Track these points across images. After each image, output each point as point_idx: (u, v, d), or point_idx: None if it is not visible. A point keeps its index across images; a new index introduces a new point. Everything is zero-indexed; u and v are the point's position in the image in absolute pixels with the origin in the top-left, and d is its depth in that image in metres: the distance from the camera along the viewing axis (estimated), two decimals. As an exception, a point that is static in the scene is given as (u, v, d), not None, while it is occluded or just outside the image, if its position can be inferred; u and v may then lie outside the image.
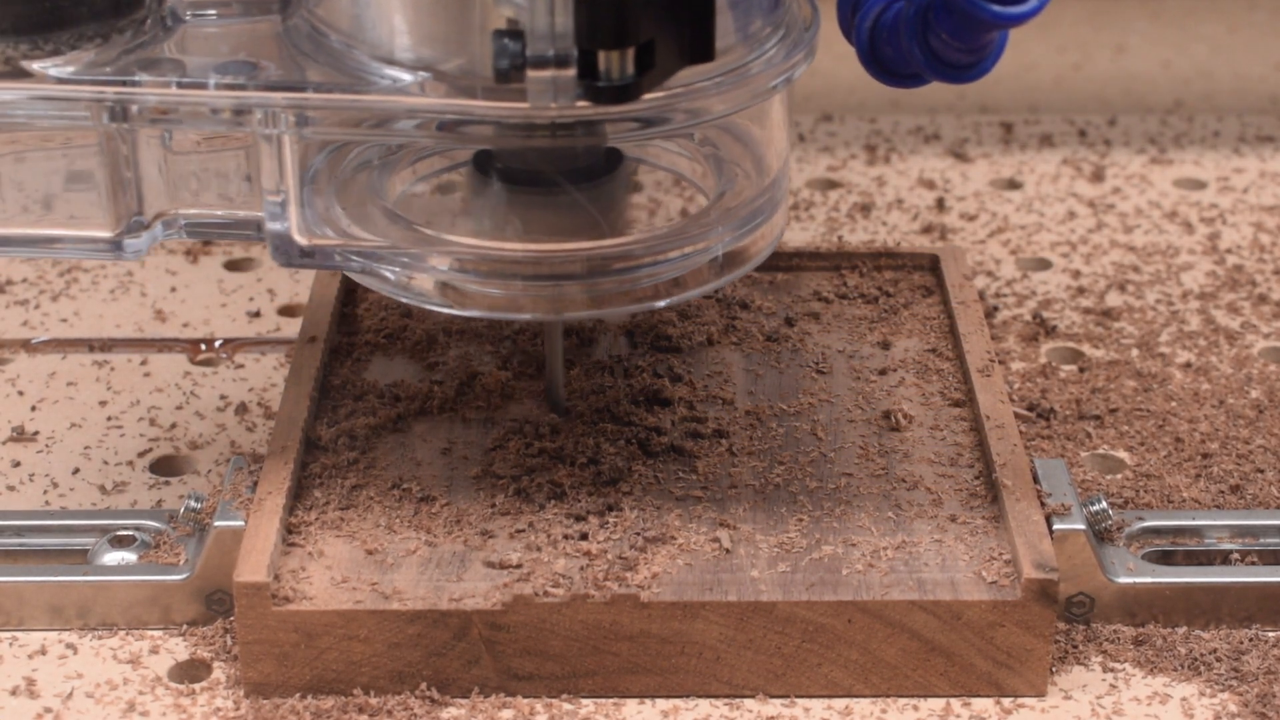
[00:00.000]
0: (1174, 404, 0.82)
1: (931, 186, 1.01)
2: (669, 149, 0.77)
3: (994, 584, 0.67)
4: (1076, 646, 0.70)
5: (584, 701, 0.68)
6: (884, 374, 0.79)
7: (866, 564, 0.68)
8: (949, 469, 0.73)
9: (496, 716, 0.67)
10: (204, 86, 0.66)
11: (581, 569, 0.68)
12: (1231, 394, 0.83)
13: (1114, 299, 0.90)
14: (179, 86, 0.66)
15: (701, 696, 0.68)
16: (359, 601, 0.67)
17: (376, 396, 0.77)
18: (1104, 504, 0.72)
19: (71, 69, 0.67)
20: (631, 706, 0.68)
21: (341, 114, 0.66)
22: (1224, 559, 0.73)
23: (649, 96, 0.63)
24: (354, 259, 0.69)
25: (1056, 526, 0.69)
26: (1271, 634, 0.71)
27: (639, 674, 0.68)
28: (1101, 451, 0.79)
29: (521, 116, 0.64)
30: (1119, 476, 0.78)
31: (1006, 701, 0.68)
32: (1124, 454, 0.79)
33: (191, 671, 0.69)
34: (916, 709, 0.67)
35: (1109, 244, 0.95)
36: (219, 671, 0.69)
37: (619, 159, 0.71)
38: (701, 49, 0.63)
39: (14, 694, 0.68)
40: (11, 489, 0.78)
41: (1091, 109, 1.08)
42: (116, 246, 0.70)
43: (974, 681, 0.68)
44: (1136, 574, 0.71)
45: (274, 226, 0.69)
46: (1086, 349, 0.86)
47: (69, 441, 0.80)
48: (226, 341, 0.87)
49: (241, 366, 0.86)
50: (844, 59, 0.71)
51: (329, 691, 0.67)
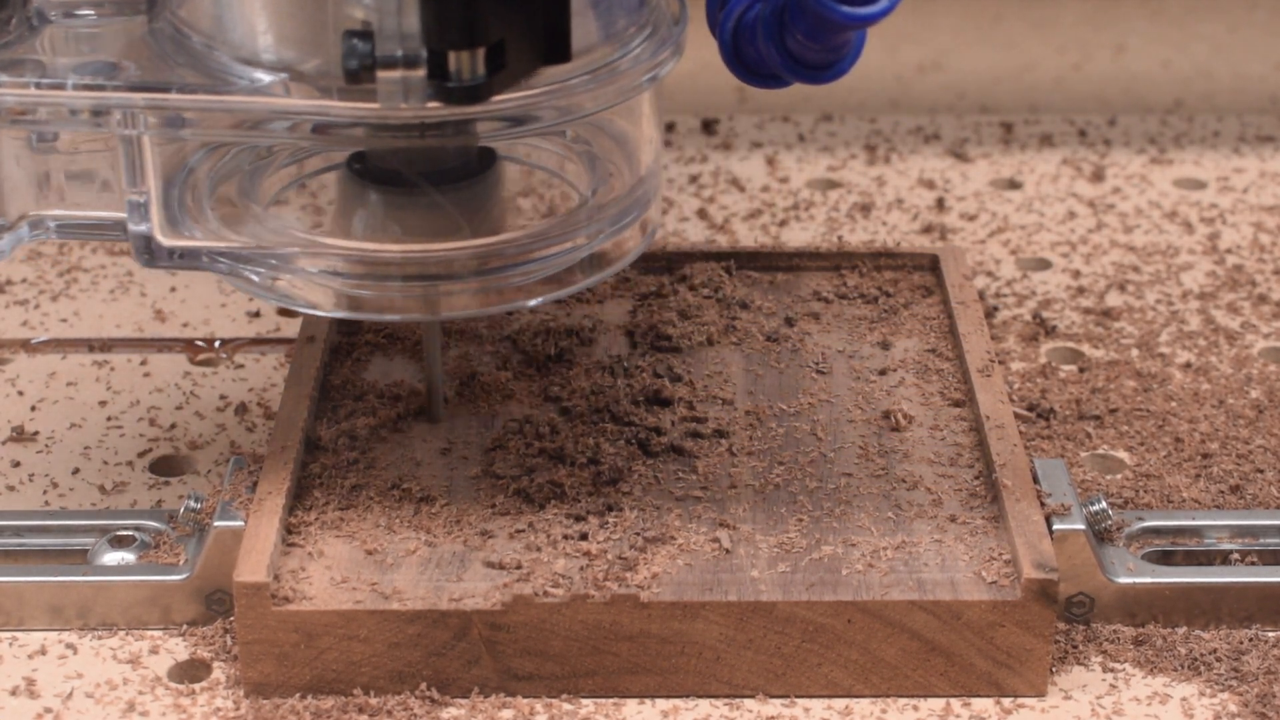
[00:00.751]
0: (1174, 404, 0.82)
1: (931, 186, 1.01)
2: (546, 148, 0.77)
3: (994, 584, 0.67)
4: (1076, 646, 0.70)
5: (584, 701, 0.68)
6: (884, 374, 0.79)
7: (866, 564, 0.68)
8: (949, 469, 0.73)
9: (496, 716, 0.67)
10: (63, 87, 0.66)
11: (581, 569, 0.68)
12: (1231, 394, 0.83)
13: (1114, 299, 0.90)
14: (38, 87, 0.66)
15: (701, 696, 0.68)
16: (359, 601, 0.67)
17: (376, 396, 0.77)
18: (1104, 504, 0.72)
19: None
20: (631, 706, 0.68)
21: (209, 115, 0.66)
22: (1224, 559, 0.73)
23: (510, 95, 0.63)
24: (221, 261, 0.69)
25: (1056, 526, 0.69)
26: (1271, 634, 0.71)
27: (639, 674, 0.68)
28: (1101, 451, 0.79)
29: (374, 117, 0.64)
30: (1119, 476, 0.78)
31: (1006, 701, 0.68)
32: (1124, 454, 0.79)
33: (191, 671, 0.69)
34: (916, 709, 0.67)
35: (1109, 244, 0.95)
36: (219, 671, 0.69)
37: (492, 158, 0.71)
38: (558, 49, 0.63)
39: (14, 694, 0.68)
40: (11, 489, 0.78)
41: (1091, 109, 1.08)
42: None
43: (974, 681, 0.68)
44: (1136, 574, 0.71)
45: (136, 228, 0.68)
46: (1086, 349, 0.86)
47: (69, 441, 0.80)
48: (226, 341, 0.87)
49: (241, 366, 0.86)
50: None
51: (329, 691, 0.67)
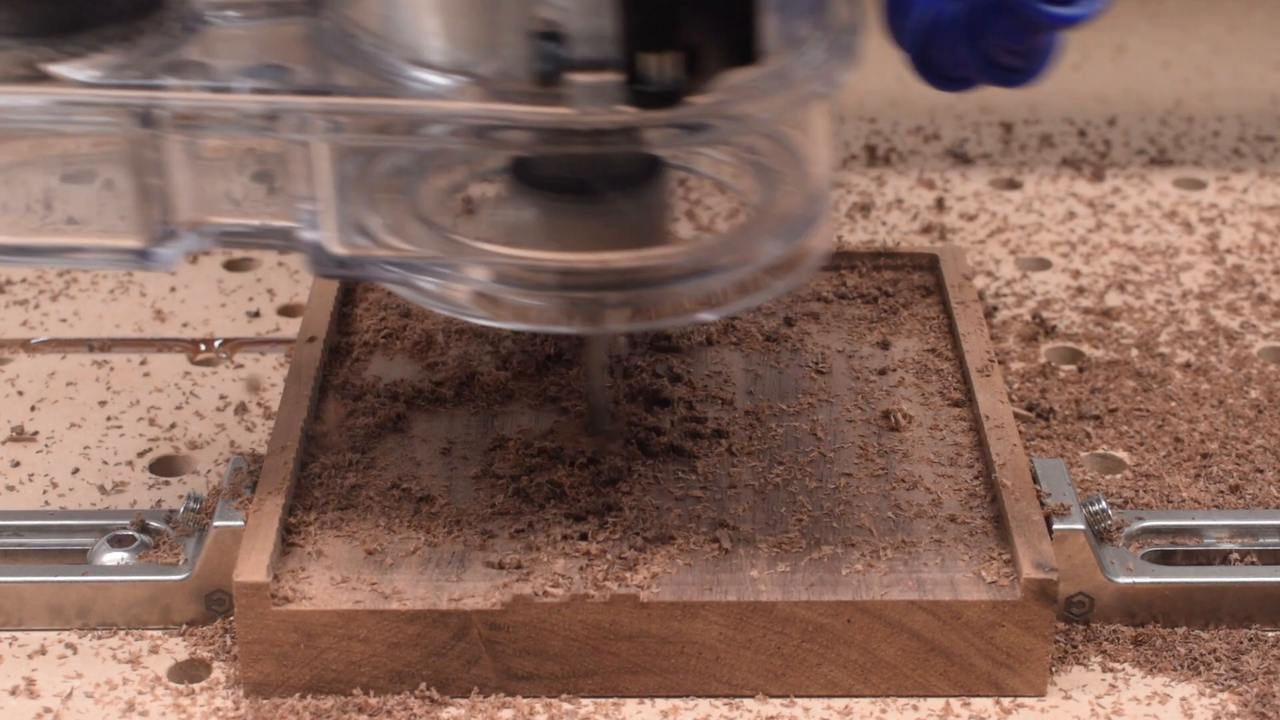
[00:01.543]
0: (1173, 404, 0.82)
1: (931, 186, 1.01)
2: (711, 155, 0.75)
3: (993, 584, 0.67)
4: (1076, 646, 0.70)
5: (584, 701, 0.68)
6: (883, 374, 0.79)
7: (866, 564, 0.68)
8: (948, 469, 0.73)
9: (496, 716, 0.67)
10: (233, 90, 0.64)
11: (581, 569, 0.68)
12: (1231, 394, 0.83)
13: (1114, 299, 0.90)
14: (207, 91, 0.64)
15: (701, 696, 0.68)
16: (359, 601, 0.67)
17: (376, 396, 0.77)
18: (1104, 504, 0.72)
19: (93, 73, 0.65)
20: (631, 706, 0.68)
21: (375, 119, 0.64)
22: (1223, 559, 0.73)
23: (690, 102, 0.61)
24: (391, 269, 0.67)
25: (1056, 526, 0.69)
26: (1271, 634, 0.71)
27: (639, 674, 0.68)
28: (1101, 451, 0.79)
29: (562, 122, 0.62)
30: (1119, 476, 0.78)
31: (1006, 701, 0.68)
32: (1124, 454, 0.79)
33: (191, 671, 0.69)
34: (916, 709, 0.67)
35: (1109, 244, 0.95)
36: (219, 671, 0.69)
37: (658, 166, 0.69)
38: (746, 52, 0.61)
39: (14, 694, 0.68)
40: (11, 489, 0.78)
41: (1091, 109, 1.08)
42: (147, 257, 0.67)
43: (974, 681, 0.68)
44: (1136, 574, 0.71)
45: (308, 236, 0.66)
46: (1086, 349, 0.86)
47: (69, 441, 0.80)
48: (226, 341, 0.87)
49: (241, 366, 0.86)
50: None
51: (329, 691, 0.67)
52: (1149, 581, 0.71)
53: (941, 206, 0.99)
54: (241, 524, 0.69)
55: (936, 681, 0.68)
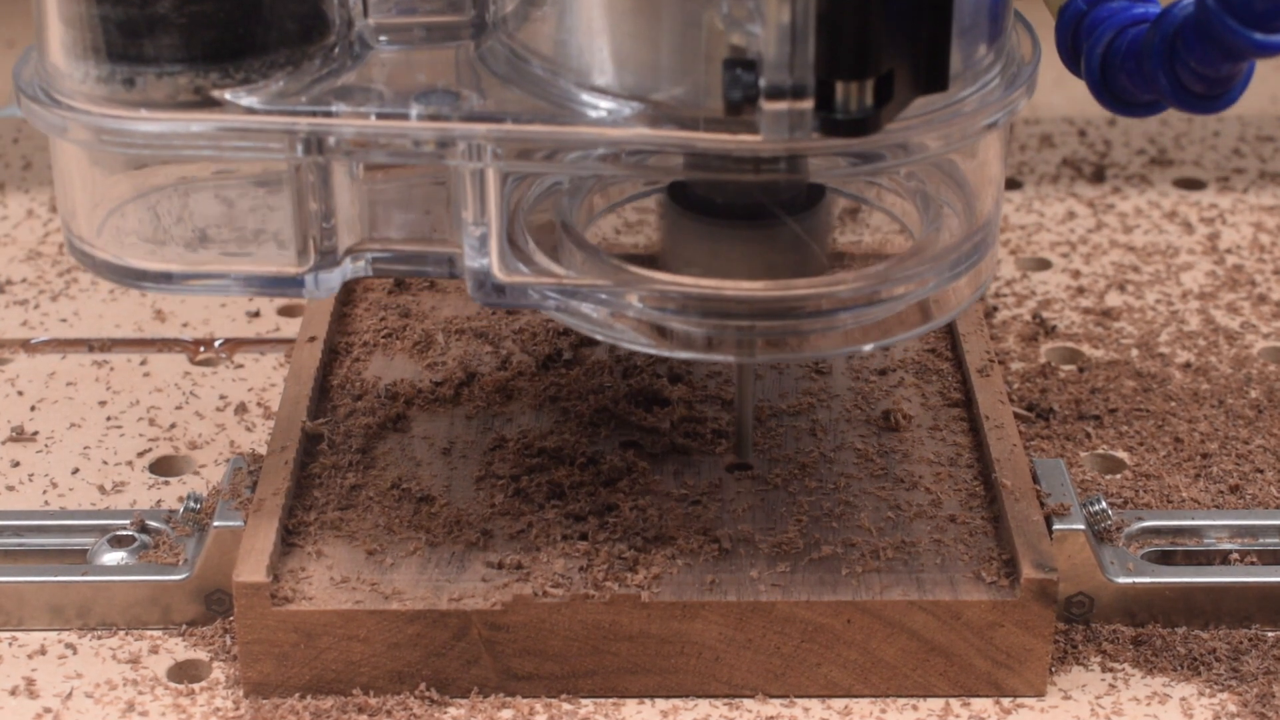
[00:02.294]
0: (1174, 404, 0.82)
1: (931, 186, 1.01)
2: (873, 182, 0.73)
3: (993, 584, 0.67)
4: (1076, 646, 0.70)
5: (584, 701, 0.68)
6: (883, 374, 0.79)
7: (866, 564, 0.68)
8: (948, 469, 0.73)
9: (496, 716, 0.67)
10: (405, 117, 0.63)
11: (581, 569, 0.68)
12: (1231, 394, 0.83)
13: (1114, 299, 0.90)
14: (378, 117, 0.63)
15: (701, 696, 0.68)
16: (359, 601, 0.67)
17: (376, 396, 0.77)
18: (1103, 504, 0.72)
19: (260, 98, 0.64)
20: (631, 706, 0.68)
21: (544, 144, 0.62)
22: (1223, 559, 0.73)
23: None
24: (551, 296, 0.66)
25: (1056, 526, 0.69)
26: (1271, 634, 0.71)
27: (639, 674, 0.68)
28: (1101, 451, 0.79)
29: (751, 150, 0.60)
30: (1119, 476, 0.78)
31: (1006, 701, 0.68)
32: (1124, 454, 0.79)
33: (191, 671, 0.69)
34: (916, 709, 0.67)
35: (1109, 244, 0.95)
36: (218, 671, 0.69)
37: (822, 191, 0.67)
38: (936, 78, 0.59)
39: (14, 694, 0.68)
40: (11, 489, 0.78)
41: (1091, 109, 1.08)
42: (305, 284, 0.66)
43: (973, 681, 0.68)
44: (1136, 574, 0.71)
45: (475, 263, 0.65)
46: (1086, 349, 0.86)
47: (69, 441, 0.80)
48: (226, 341, 0.87)
49: (241, 366, 0.86)
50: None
51: (328, 691, 0.67)
52: (1149, 581, 0.71)
53: (941, 206, 0.99)
54: (241, 524, 0.69)
55: (936, 681, 0.68)
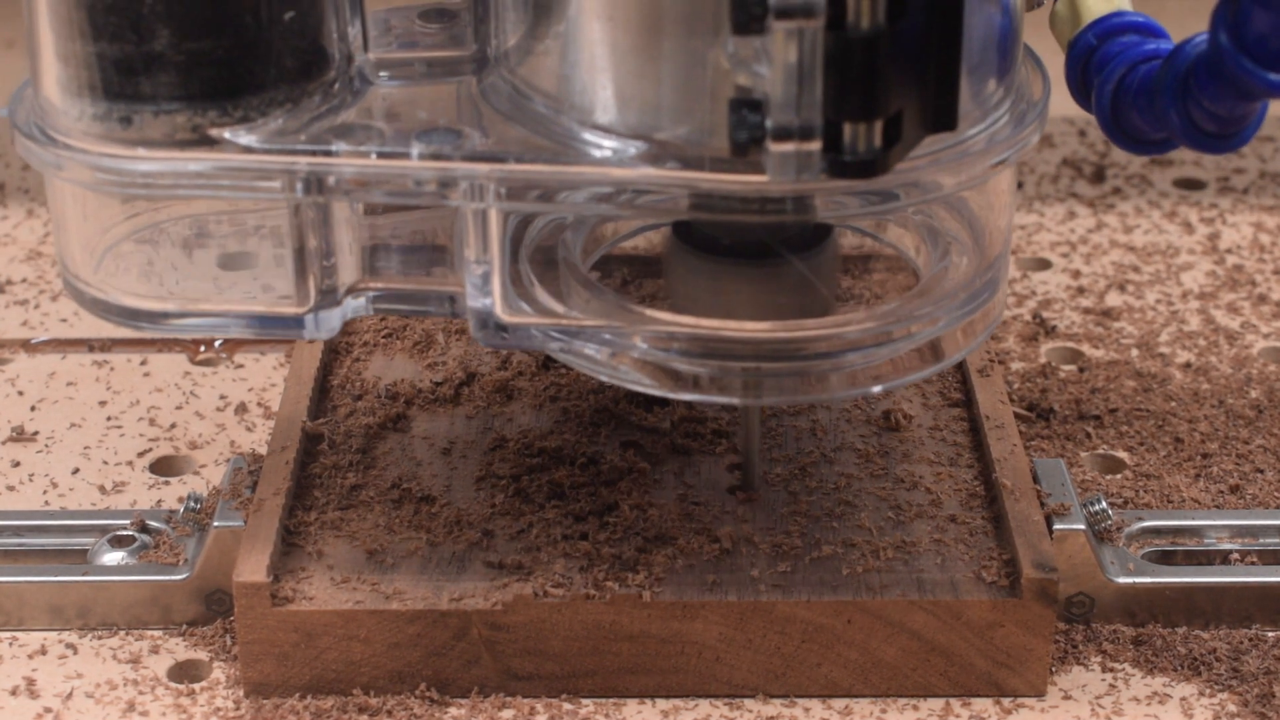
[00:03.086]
0: (1174, 404, 0.82)
1: (931, 186, 1.01)
2: (882, 220, 0.73)
3: (994, 584, 0.67)
4: (1076, 646, 0.70)
5: (584, 701, 0.68)
6: (884, 374, 0.79)
7: (866, 564, 0.68)
8: (948, 469, 0.73)
9: (496, 716, 0.67)
10: (406, 156, 0.62)
11: (581, 569, 0.68)
12: (1231, 394, 0.83)
13: (1114, 299, 0.90)
14: (379, 156, 0.62)
15: (701, 696, 0.68)
16: (359, 601, 0.67)
17: (376, 396, 0.77)
18: (1104, 504, 0.72)
19: (258, 137, 0.63)
20: (631, 706, 0.68)
21: (546, 183, 0.61)
22: (1224, 559, 0.73)
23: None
24: (555, 336, 0.65)
25: (1056, 526, 0.69)
26: (1271, 634, 0.71)
27: (639, 674, 0.68)
28: (1101, 451, 0.79)
29: (758, 191, 0.59)
30: (1119, 476, 0.78)
31: (1006, 701, 0.68)
32: (1124, 454, 0.79)
33: (191, 671, 0.69)
34: (916, 709, 0.67)
35: (1109, 244, 0.95)
36: (219, 671, 0.69)
37: (827, 231, 0.66)
38: (945, 118, 0.58)
39: (14, 694, 0.68)
40: (11, 489, 0.78)
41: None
42: (304, 324, 0.66)
43: (974, 681, 0.68)
44: (1136, 574, 0.71)
45: (477, 303, 0.64)
46: (1086, 349, 0.86)
47: (69, 441, 0.80)
48: (226, 341, 0.87)
49: (241, 366, 0.86)
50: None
51: (329, 691, 0.67)
52: (1149, 581, 0.71)
53: (941, 206, 0.99)
54: (241, 524, 0.69)
55: (936, 681, 0.68)
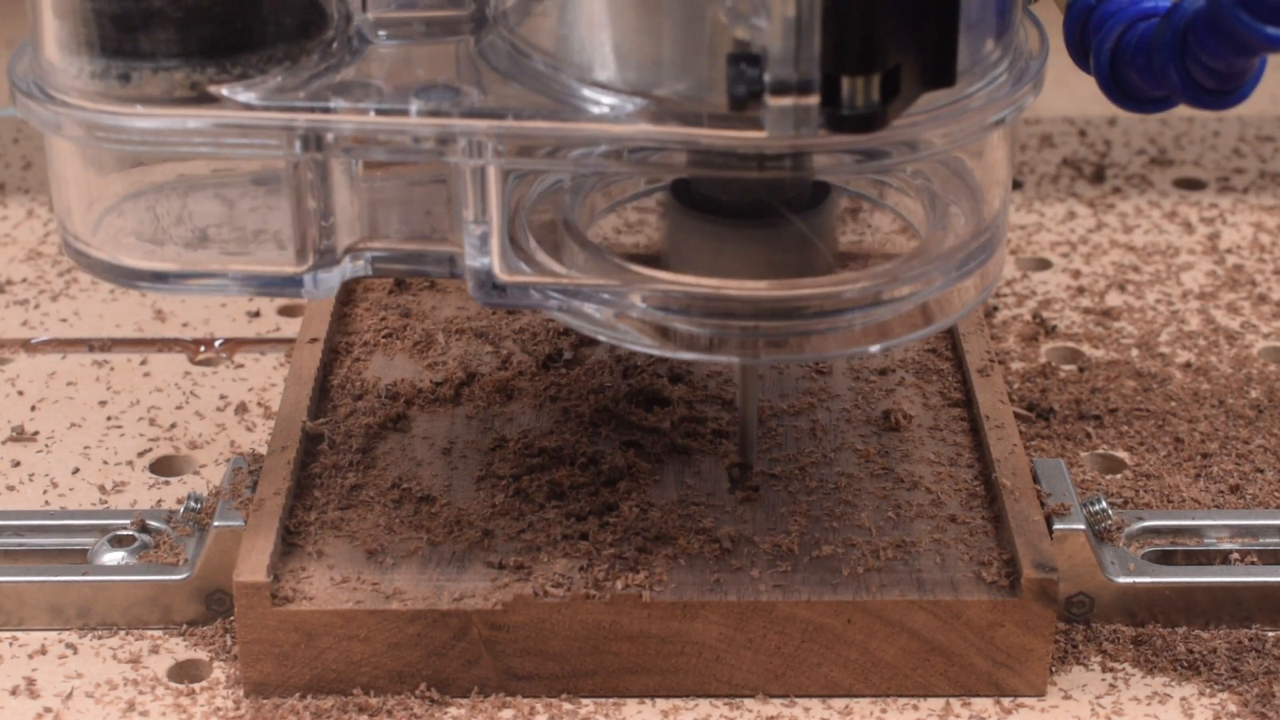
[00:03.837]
0: (1174, 404, 0.82)
1: (931, 186, 1.01)
2: (880, 180, 0.72)
3: (994, 584, 0.67)
4: (1076, 646, 0.70)
5: (584, 701, 0.68)
6: (884, 374, 0.79)
7: (866, 564, 0.68)
8: (949, 469, 0.73)
9: (496, 716, 0.67)
10: (404, 113, 0.62)
11: (581, 569, 0.68)
12: (1231, 394, 0.83)
13: (1114, 299, 0.90)
14: (377, 113, 0.62)
15: (701, 696, 0.68)
16: (359, 601, 0.67)
17: (376, 396, 0.77)
18: (1104, 504, 0.72)
19: (257, 94, 0.63)
20: (631, 706, 0.68)
21: (546, 141, 0.61)
22: (1224, 559, 0.73)
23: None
24: (553, 296, 0.65)
25: (1056, 526, 0.69)
26: (1271, 634, 0.71)
27: (639, 674, 0.68)
28: (1101, 451, 0.79)
29: (755, 147, 0.59)
30: (1119, 476, 0.78)
31: (1006, 701, 0.68)
32: (1124, 454, 0.79)
33: (191, 671, 0.69)
34: (916, 709, 0.67)
35: (1109, 244, 0.95)
36: (219, 671, 0.69)
37: (827, 189, 0.66)
38: (943, 73, 0.58)
39: (14, 694, 0.68)
40: (11, 489, 0.78)
41: (1091, 109, 1.08)
42: (304, 283, 0.65)
43: (974, 681, 0.68)
44: (1136, 574, 0.71)
45: (475, 262, 0.64)
46: (1086, 349, 0.86)
47: (69, 441, 0.80)
48: (226, 341, 0.87)
49: (241, 366, 0.86)
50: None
51: (329, 691, 0.67)
52: (1149, 581, 0.71)
53: (941, 206, 0.99)
54: (241, 524, 0.69)
55: (936, 681, 0.68)
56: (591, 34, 0.62)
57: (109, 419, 0.82)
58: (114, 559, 0.71)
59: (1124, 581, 0.70)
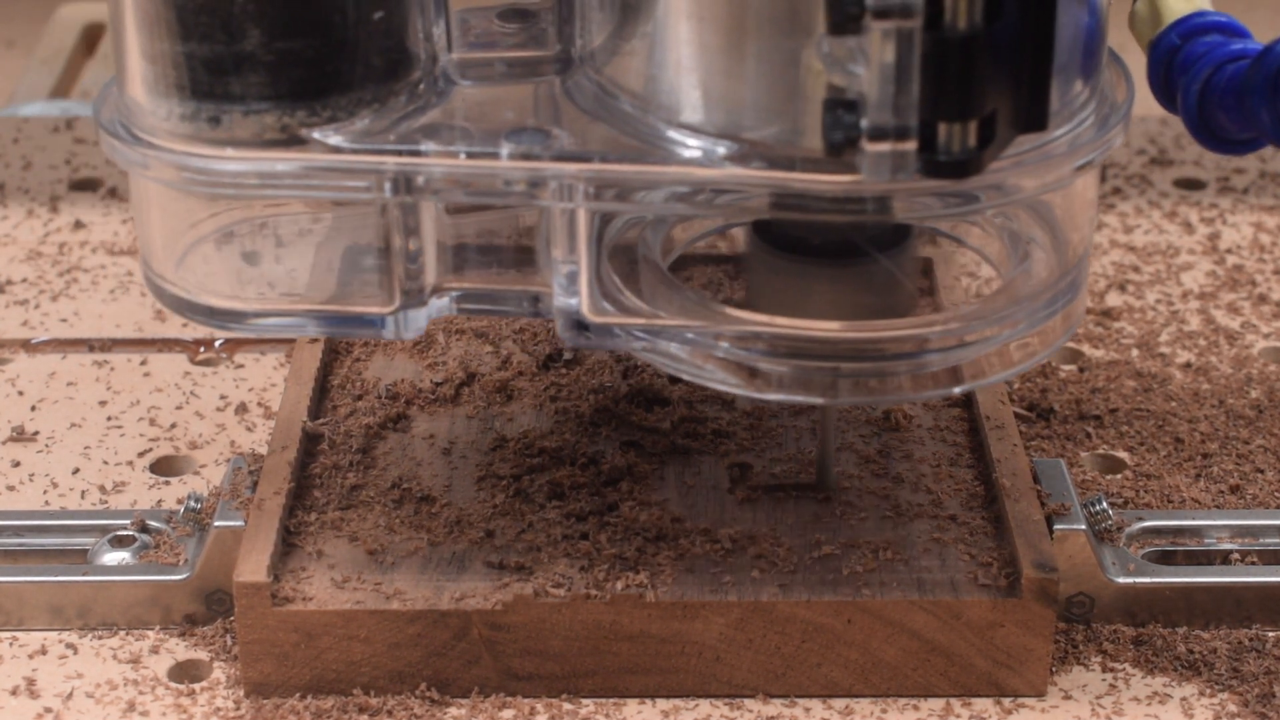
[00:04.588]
0: (1174, 404, 0.82)
1: (931, 186, 1.01)
2: (965, 221, 0.72)
3: (994, 584, 0.67)
4: (1076, 646, 0.70)
5: (584, 701, 0.68)
6: (884, 374, 0.79)
7: (866, 564, 0.68)
8: (948, 469, 0.73)
9: (496, 716, 0.67)
10: (495, 156, 0.62)
11: (582, 569, 0.68)
12: (1231, 394, 0.83)
13: (1114, 299, 0.90)
14: (468, 156, 0.62)
15: (701, 696, 0.68)
16: (359, 601, 0.67)
17: (376, 396, 0.77)
18: (1104, 504, 0.72)
19: (345, 137, 0.63)
20: (631, 706, 0.68)
21: (632, 183, 0.61)
22: (1224, 559, 0.73)
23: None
24: (639, 335, 0.65)
25: (1056, 526, 0.69)
26: (1271, 634, 0.71)
27: (639, 674, 0.68)
28: (1101, 451, 0.79)
29: (850, 191, 0.59)
30: (1119, 476, 0.78)
31: (1006, 701, 0.68)
32: (1124, 454, 0.79)
33: (191, 671, 0.69)
34: (916, 709, 0.67)
35: (1109, 244, 0.95)
36: (219, 671, 0.69)
37: (906, 231, 0.66)
38: (1036, 117, 0.58)
39: (14, 694, 0.68)
40: (11, 489, 0.78)
41: (1091, 109, 1.08)
42: (389, 325, 0.66)
43: (974, 681, 0.68)
44: (1136, 574, 0.71)
45: (564, 302, 0.64)
46: (1086, 349, 0.86)
47: (69, 441, 0.80)
48: (226, 341, 0.87)
49: (241, 366, 0.86)
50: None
51: (329, 691, 0.67)
52: (1149, 581, 0.71)
53: (942, 206, 0.98)
54: (241, 524, 0.69)
55: (936, 681, 0.68)
56: (681, 77, 0.62)
57: (109, 419, 0.82)
58: (114, 559, 0.71)
59: (1124, 581, 0.70)
